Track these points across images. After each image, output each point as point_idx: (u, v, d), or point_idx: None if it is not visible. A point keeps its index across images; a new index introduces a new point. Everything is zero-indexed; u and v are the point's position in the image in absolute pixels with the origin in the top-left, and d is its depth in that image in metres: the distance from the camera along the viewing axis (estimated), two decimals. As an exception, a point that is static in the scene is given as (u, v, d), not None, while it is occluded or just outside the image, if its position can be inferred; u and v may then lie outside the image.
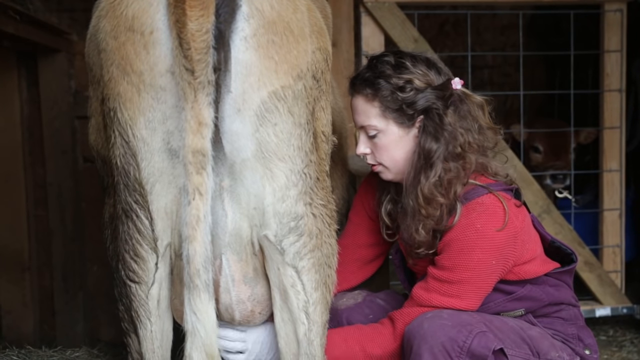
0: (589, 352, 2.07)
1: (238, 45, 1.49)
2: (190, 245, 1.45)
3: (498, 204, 1.94)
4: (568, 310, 2.09)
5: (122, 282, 1.75)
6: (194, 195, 1.45)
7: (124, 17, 1.52)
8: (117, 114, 1.57)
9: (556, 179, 3.58)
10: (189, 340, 1.50)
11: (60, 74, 3.25)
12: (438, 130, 1.96)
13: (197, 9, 1.40)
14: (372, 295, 2.34)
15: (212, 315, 1.49)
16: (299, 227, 1.66)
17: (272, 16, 1.52)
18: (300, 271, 1.69)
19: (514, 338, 1.92)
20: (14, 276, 3.29)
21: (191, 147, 1.44)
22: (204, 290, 1.47)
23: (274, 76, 1.54)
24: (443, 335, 1.82)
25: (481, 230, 1.91)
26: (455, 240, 1.94)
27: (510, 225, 1.92)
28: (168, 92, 1.51)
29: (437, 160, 1.95)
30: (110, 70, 1.56)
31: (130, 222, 1.65)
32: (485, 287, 1.96)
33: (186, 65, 1.41)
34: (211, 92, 1.44)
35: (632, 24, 3.31)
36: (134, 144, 1.57)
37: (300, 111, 1.60)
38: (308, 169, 1.65)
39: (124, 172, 1.61)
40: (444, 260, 1.95)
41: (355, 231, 2.32)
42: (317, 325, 1.74)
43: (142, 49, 1.50)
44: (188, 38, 1.40)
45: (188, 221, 1.45)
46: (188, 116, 1.44)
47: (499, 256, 1.92)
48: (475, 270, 1.91)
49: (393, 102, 1.95)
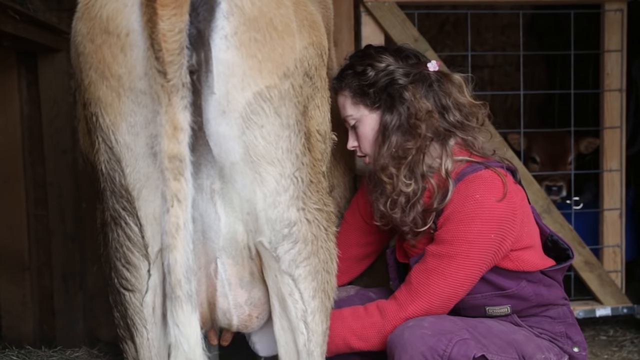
0: (578, 349, 2.08)
1: (218, 44, 1.44)
2: (170, 254, 1.39)
3: (496, 177, 1.96)
4: (556, 309, 2.09)
5: (115, 290, 1.70)
6: (172, 202, 1.39)
7: (98, 18, 1.46)
8: (99, 119, 1.52)
9: (551, 191, 3.58)
10: (172, 354, 1.43)
11: (60, 74, 3.24)
12: (395, 103, 2.01)
13: (169, 7, 1.34)
14: (364, 289, 2.37)
15: (195, 327, 1.42)
16: (293, 234, 1.61)
17: (254, 13, 1.46)
18: (296, 279, 1.65)
19: (499, 343, 1.92)
20: (13, 276, 3.28)
21: (167, 152, 1.38)
22: (187, 301, 1.40)
23: (258, 76, 1.48)
24: (423, 345, 1.82)
25: (480, 200, 1.92)
26: (455, 213, 1.94)
27: (509, 199, 1.93)
28: (148, 95, 1.45)
29: (392, 132, 2.00)
30: (89, 74, 1.51)
31: (119, 229, 1.59)
32: (482, 264, 1.94)
33: (158, 67, 1.35)
34: (187, 95, 1.38)
35: (632, 24, 3.30)
36: (118, 150, 1.51)
37: (288, 112, 1.54)
38: (299, 172, 1.60)
39: (110, 178, 1.56)
40: (443, 234, 1.96)
41: (349, 230, 2.35)
42: (317, 334, 1.70)
43: (119, 52, 1.45)
44: (159, 39, 1.34)
45: (167, 229, 1.39)
46: (163, 120, 1.38)
47: (498, 229, 1.92)
48: (474, 242, 1.91)
49: (359, 87, 2.04)
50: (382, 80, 2.03)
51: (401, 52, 2.11)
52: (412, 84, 2.02)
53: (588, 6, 3.35)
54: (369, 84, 2.03)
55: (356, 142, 2.13)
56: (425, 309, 1.96)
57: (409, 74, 2.03)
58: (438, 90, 2.05)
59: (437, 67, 2.07)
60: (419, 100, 2.00)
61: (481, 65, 4.81)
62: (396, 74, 2.03)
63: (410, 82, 2.02)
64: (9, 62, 3.22)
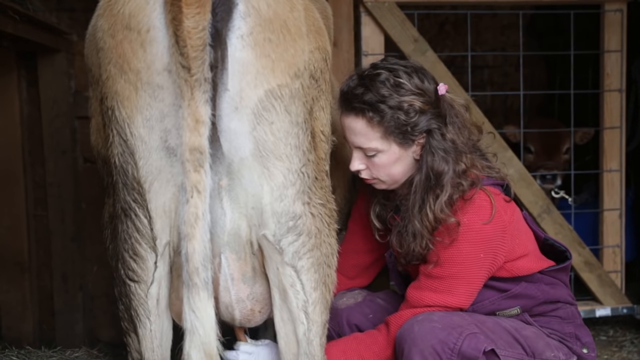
0: (587, 350, 2.08)
1: (235, 43, 1.50)
2: (189, 243, 1.46)
3: (485, 198, 1.96)
4: (565, 309, 2.10)
5: (121, 281, 1.76)
6: (192, 193, 1.45)
7: (121, 15, 1.52)
8: (114, 112, 1.57)
9: (545, 179, 3.55)
10: (187, 338, 1.50)
11: (60, 74, 3.24)
12: (445, 150, 1.95)
13: (194, 6, 1.41)
14: (372, 294, 2.36)
15: (211, 314, 1.49)
16: (297, 226, 1.66)
17: (269, 14, 1.53)
18: (299, 271, 1.69)
19: (507, 339, 1.93)
20: (13, 276, 3.29)
21: (188, 144, 1.44)
22: (203, 288, 1.47)
23: (271, 74, 1.54)
24: (433, 338, 1.83)
25: (467, 223, 1.93)
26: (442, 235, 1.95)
27: (497, 219, 1.93)
28: (165, 90, 1.51)
29: (448, 181, 1.94)
30: (108, 68, 1.56)
31: (129, 221, 1.65)
32: (476, 282, 1.96)
33: (183, 62, 1.42)
34: (208, 90, 1.45)
35: (632, 24, 3.31)
36: (132, 143, 1.57)
37: (297, 110, 1.60)
38: (306, 168, 1.65)
39: (123, 170, 1.61)
40: (432, 256, 1.97)
41: (353, 238, 2.35)
42: (317, 324, 1.74)
43: (139, 47, 1.51)
44: (184, 36, 1.41)
45: (186, 219, 1.46)
46: (185, 114, 1.44)
47: (487, 249, 1.93)
48: (463, 264, 1.93)
49: (396, 127, 1.92)
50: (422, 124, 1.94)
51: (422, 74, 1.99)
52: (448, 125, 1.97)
53: (588, 6, 3.35)
54: (412, 125, 1.93)
55: (364, 166, 2.02)
56: None
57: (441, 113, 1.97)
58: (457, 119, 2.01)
59: (444, 90, 2.01)
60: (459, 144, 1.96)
61: (481, 66, 4.81)
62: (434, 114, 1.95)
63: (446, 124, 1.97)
64: (9, 62, 3.22)
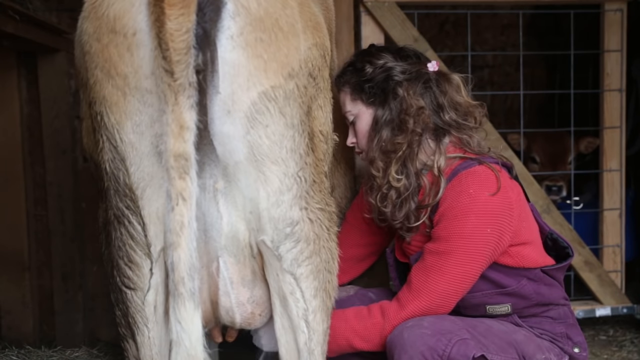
0: (578, 350, 2.08)
1: (224, 44, 1.44)
2: (174, 252, 1.41)
3: (490, 172, 1.97)
4: (557, 310, 2.09)
5: (117, 289, 1.71)
6: (177, 200, 1.40)
7: (105, 18, 1.47)
8: (103, 118, 1.52)
9: (551, 191, 3.59)
10: (173, 350, 1.44)
11: (60, 74, 3.24)
12: (388, 99, 2.05)
13: (177, 7, 1.35)
14: (364, 289, 2.37)
15: (197, 325, 1.43)
16: (295, 233, 1.61)
17: (259, 13, 1.47)
18: (298, 278, 1.65)
19: (499, 343, 1.92)
20: (13, 276, 3.28)
21: (173, 151, 1.39)
22: (189, 298, 1.41)
23: (263, 76, 1.48)
24: (422, 345, 1.82)
25: (474, 194, 1.93)
26: (449, 209, 1.95)
27: (504, 193, 1.94)
28: (154, 94, 1.46)
29: (382, 126, 2.04)
30: (95, 73, 1.51)
31: (122, 227, 1.60)
32: (480, 260, 1.93)
33: (165, 66, 1.36)
34: (193, 95, 1.39)
35: (632, 24, 3.30)
36: (122, 149, 1.52)
37: (292, 112, 1.55)
38: (303, 172, 1.60)
39: (114, 177, 1.56)
40: (439, 231, 1.96)
41: (350, 231, 2.36)
42: (318, 333, 1.70)
43: (126, 51, 1.45)
44: (167, 38, 1.35)
45: (172, 227, 1.40)
46: (169, 119, 1.39)
47: (494, 224, 1.92)
48: (470, 238, 1.91)
49: (357, 83, 2.09)
50: (378, 77, 2.07)
51: (401, 51, 2.15)
52: (408, 81, 2.05)
53: (588, 6, 3.35)
54: (366, 79, 2.08)
55: (354, 138, 2.16)
56: (426, 308, 1.95)
57: (406, 72, 2.07)
58: (435, 89, 2.07)
59: (436, 68, 2.10)
60: (412, 97, 2.03)
61: (481, 65, 4.81)
62: (393, 71, 2.07)
63: (405, 79, 2.05)
64: (9, 62, 3.22)
